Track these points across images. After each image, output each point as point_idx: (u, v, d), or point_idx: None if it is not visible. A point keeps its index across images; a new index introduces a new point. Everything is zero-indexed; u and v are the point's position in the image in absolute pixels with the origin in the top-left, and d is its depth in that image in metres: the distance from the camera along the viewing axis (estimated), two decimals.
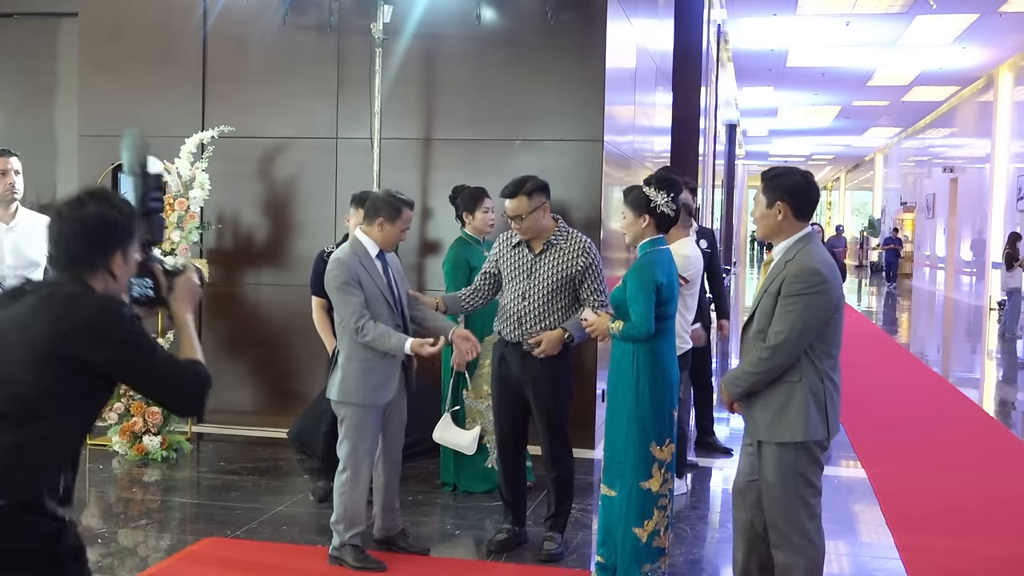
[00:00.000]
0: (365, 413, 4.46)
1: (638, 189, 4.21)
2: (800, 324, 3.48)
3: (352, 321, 4.40)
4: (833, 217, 49.99)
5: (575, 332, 4.53)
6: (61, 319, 2.28)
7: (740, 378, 3.64)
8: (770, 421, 3.60)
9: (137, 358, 2.34)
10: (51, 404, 2.28)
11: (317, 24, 6.98)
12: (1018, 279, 14.61)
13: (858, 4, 14.52)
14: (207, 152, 6.70)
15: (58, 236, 2.39)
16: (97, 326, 2.29)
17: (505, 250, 4.72)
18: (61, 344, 2.27)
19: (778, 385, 3.58)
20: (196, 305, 2.69)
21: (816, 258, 3.55)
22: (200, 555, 4.67)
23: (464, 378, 5.62)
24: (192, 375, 2.44)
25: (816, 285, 3.49)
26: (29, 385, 2.26)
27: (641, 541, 4.09)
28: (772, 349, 3.51)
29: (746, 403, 3.69)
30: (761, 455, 3.65)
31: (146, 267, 2.58)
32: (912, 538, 5.18)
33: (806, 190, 3.65)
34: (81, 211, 2.39)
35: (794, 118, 27.53)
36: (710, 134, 15.80)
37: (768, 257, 3.75)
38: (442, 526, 5.26)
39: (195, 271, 2.69)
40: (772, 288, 3.57)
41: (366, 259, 4.50)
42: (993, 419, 8.93)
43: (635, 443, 4.09)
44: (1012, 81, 19.51)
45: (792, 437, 3.55)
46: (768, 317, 3.56)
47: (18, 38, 7.97)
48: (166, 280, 2.62)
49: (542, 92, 6.76)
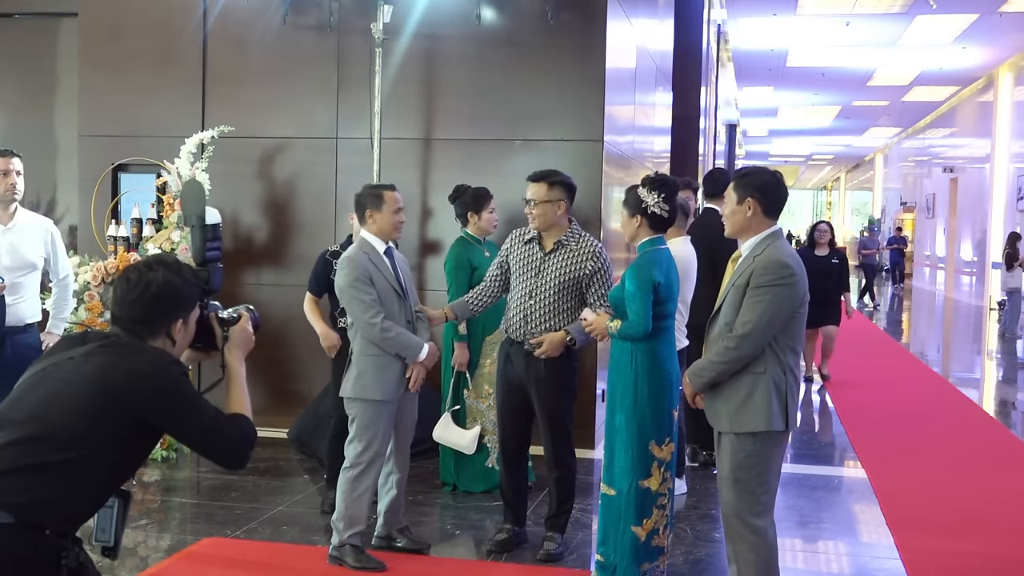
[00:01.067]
0: (379, 410, 4.46)
1: (633, 190, 4.25)
2: (768, 315, 3.53)
3: (368, 317, 4.41)
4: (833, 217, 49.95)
5: (577, 336, 4.52)
6: (113, 366, 2.37)
7: (706, 368, 3.67)
8: (732, 412, 3.63)
9: (183, 411, 2.42)
10: (85, 442, 2.34)
11: (317, 24, 6.98)
12: (1018, 279, 14.62)
13: (858, 4, 14.52)
14: (207, 152, 6.70)
15: (123, 298, 2.50)
16: (147, 376, 2.38)
17: (517, 246, 4.73)
18: (108, 390, 2.34)
19: (742, 376, 3.61)
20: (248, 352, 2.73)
21: (784, 252, 3.63)
22: (200, 555, 4.68)
23: (465, 378, 5.63)
24: (236, 430, 2.51)
25: (785, 277, 3.55)
26: (68, 420, 2.33)
27: (640, 540, 4.10)
28: (740, 339, 3.55)
29: (709, 395, 3.72)
30: (720, 447, 3.69)
31: (202, 315, 2.62)
32: (912, 538, 5.18)
33: (775, 188, 3.73)
34: (147, 276, 2.49)
35: (794, 118, 27.53)
36: (710, 134, 15.79)
37: (736, 253, 3.78)
38: (442, 526, 5.26)
39: (251, 319, 2.70)
40: (739, 281, 3.62)
41: (375, 256, 4.51)
42: (993, 419, 8.93)
43: (634, 442, 4.09)
44: (1012, 81, 19.51)
45: (755, 427, 3.58)
46: (735, 310, 3.60)
47: (18, 38, 7.96)
48: (221, 329, 2.65)
49: (542, 92, 6.76)
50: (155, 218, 6.82)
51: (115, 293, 2.52)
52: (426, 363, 4.53)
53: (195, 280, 2.58)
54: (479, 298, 4.84)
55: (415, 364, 4.50)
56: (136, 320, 2.49)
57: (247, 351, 2.70)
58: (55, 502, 2.31)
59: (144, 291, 2.48)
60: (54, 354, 2.48)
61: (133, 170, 7.20)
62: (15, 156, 5.17)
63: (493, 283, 4.82)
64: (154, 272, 2.50)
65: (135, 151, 7.01)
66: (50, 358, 2.47)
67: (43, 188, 7.70)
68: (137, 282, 2.49)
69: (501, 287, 4.81)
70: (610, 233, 7.07)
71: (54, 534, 2.32)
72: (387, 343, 4.43)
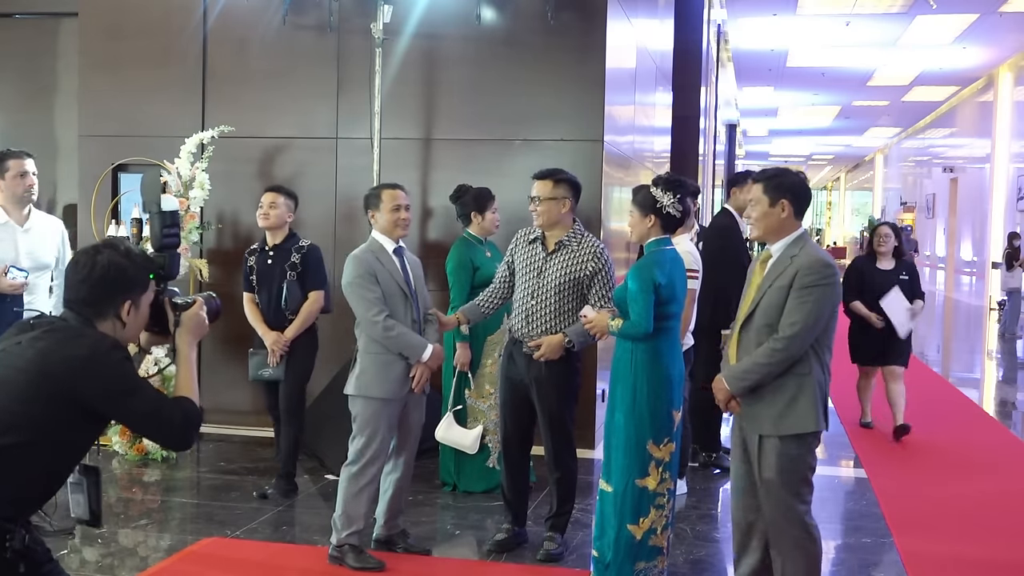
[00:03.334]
0: (380, 408, 4.45)
1: (646, 189, 4.23)
2: (815, 315, 3.55)
3: (371, 315, 4.41)
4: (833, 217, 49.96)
5: (576, 339, 4.52)
6: (52, 351, 2.39)
7: (750, 371, 3.64)
8: (776, 415, 3.61)
9: (121, 395, 2.44)
10: (26, 426, 2.37)
11: (317, 24, 6.98)
12: (1018, 279, 14.62)
13: (858, 4, 14.51)
14: (207, 152, 6.70)
15: (71, 280, 2.52)
16: (83, 360, 2.40)
17: (521, 246, 4.74)
18: (46, 375, 2.37)
19: (786, 378, 3.61)
20: (203, 337, 2.76)
21: (822, 251, 3.68)
22: (200, 555, 4.67)
23: (467, 378, 5.63)
24: (179, 413, 2.53)
25: (828, 277, 3.59)
26: (10, 405, 2.37)
27: (636, 539, 4.08)
28: (789, 339, 3.55)
29: (748, 399, 3.69)
30: (761, 451, 3.65)
31: (156, 299, 2.63)
32: (912, 538, 5.18)
33: (806, 189, 3.78)
34: (94, 258, 2.50)
35: (794, 118, 27.53)
36: (710, 134, 15.78)
37: (765, 254, 3.76)
38: (442, 526, 5.26)
39: (205, 305, 2.72)
40: (779, 282, 3.61)
41: (382, 255, 4.52)
42: (993, 419, 8.93)
43: (631, 440, 4.08)
44: (1012, 81, 19.50)
45: (802, 429, 3.59)
46: (776, 310, 3.59)
47: (18, 38, 7.97)
48: (173, 314, 2.67)
49: (542, 92, 6.76)
50: None
51: (66, 276, 2.55)
52: (431, 364, 4.53)
53: (145, 263, 2.58)
54: (489, 300, 4.85)
55: (419, 364, 4.50)
56: (83, 302, 2.50)
57: (199, 336, 2.72)
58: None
59: (90, 272, 2.49)
60: (5, 339, 2.50)
61: (133, 170, 7.19)
62: (30, 157, 5.19)
63: (502, 284, 4.83)
64: (101, 254, 2.51)
65: (135, 151, 7.01)
66: (1, 344, 2.49)
67: (43, 188, 7.64)
68: (84, 264, 2.51)
69: (510, 287, 4.80)
70: (610, 233, 7.07)
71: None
72: (389, 341, 4.43)
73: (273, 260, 5.57)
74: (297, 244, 5.58)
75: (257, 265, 5.62)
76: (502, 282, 4.82)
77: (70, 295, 2.53)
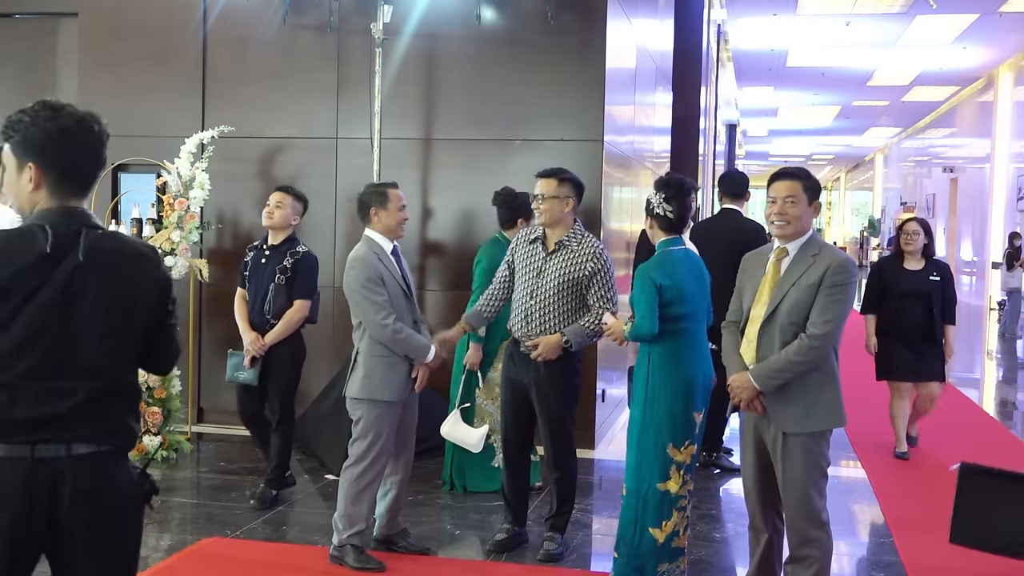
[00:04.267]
0: (386, 410, 4.46)
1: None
2: (845, 312, 3.63)
3: (380, 319, 4.41)
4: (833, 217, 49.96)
5: (574, 339, 4.51)
6: (135, 275, 2.42)
7: (783, 369, 3.63)
8: (802, 413, 3.63)
9: (175, 305, 2.56)
10: (136, 355, 2.46)
11: (317, 24, 6.98)
12: (1018, 279, 14.62)
13: (858, 4, 14.51)
14: (207, 152, 6.69)
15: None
16: (167, 281, 2.51)
17: (521, 246, 4.73)
18: (135, 301, 2.42)
19: (813, 375, 3.65)
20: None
21: (839, 249, 3.80)
22: (200, 555, 4.68)
23: (476, 377, 5.60)
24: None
25: (854, 275, 3.68)
26: (120, 340, 2.40)
27: (658, 542, 4.05)
28: (823, 337, 3.59)
29: (772, 397, 3.68)
30: (786, 449, 3.65)
31: None
32: (912, 538, 5.18)
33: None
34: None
35: (794, 118, 27.52)
36: (710, 134, 15.78)
37: (779, 251, 3.75)
38: (443, 526, 5.26)
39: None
40: (806, 280, 3.63)
41: (384, 256, 4.53)
42: (993, 419, 8.93)
43: (650, 444, 4.05)
44: (1012, 81, 19.50)
45: (829, 424, 3.65)
46: (803, 308, 3.62)
47: (18, 38, 7.97)
48: None
49: (542, 92, 6.76)
50: (155, 218, 6.81)
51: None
52: (432, 364, 4.53)
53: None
54: (489, 303, 4.84)
55: (422, 365, 4.50)
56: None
57: None
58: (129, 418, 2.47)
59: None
60: (27, 282, 2.48)
61: (133, 170, 7.20)
62: None
63: (502, 285, 4.82)
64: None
65: (135, 151, 7.01)
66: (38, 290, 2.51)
67: None
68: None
69: (511, 288, 4.79)
70: (610, 233, 7.07)
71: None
72: (397, 344, 4.43)
73: (267, 260, 5.48)
74: (293, 248, 5.46)
75: (252, 262, 5.56)
76: (502, 283, 4.82)
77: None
